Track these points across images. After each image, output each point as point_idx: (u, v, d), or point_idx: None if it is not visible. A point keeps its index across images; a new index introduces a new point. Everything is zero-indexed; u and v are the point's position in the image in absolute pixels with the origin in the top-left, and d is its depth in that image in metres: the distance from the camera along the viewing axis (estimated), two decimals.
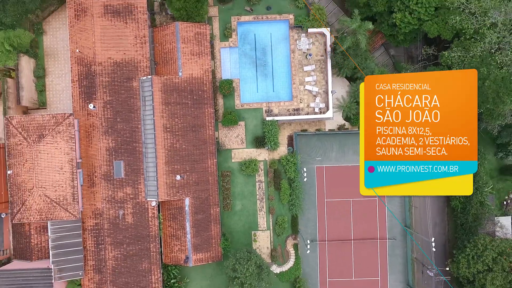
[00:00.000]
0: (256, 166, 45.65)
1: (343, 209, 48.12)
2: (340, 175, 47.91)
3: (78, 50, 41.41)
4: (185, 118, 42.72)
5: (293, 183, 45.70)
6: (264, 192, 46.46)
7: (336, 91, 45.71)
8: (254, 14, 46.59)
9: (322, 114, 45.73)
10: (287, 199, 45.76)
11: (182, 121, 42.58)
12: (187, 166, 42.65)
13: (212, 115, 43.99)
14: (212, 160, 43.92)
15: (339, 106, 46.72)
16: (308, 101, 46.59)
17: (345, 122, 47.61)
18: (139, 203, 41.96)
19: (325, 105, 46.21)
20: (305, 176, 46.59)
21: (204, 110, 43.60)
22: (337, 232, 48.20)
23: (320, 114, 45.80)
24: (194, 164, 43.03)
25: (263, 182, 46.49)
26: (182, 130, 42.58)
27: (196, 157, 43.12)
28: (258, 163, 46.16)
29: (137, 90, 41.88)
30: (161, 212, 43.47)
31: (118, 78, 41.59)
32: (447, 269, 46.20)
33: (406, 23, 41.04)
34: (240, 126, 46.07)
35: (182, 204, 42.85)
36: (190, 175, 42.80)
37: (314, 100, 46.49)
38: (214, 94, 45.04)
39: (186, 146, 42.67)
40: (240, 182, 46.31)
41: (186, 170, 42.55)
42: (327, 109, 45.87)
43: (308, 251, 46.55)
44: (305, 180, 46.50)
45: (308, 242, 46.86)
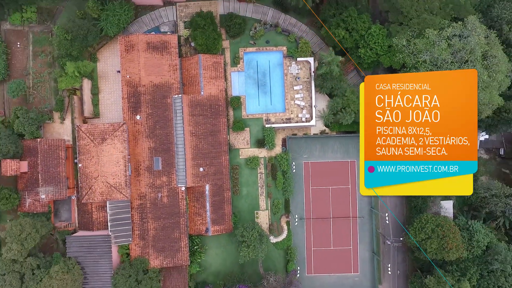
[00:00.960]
0: (258, 161, 60.52)
1: (324, 194, 63.03)
2: (321, 169, 62.86)
3: (128, 76, 56.27)
4: (205, 125, 57.63)
5: (285, 174, 60.52)
6: (264, 181, 61.29)
7: (317, 105, 60.72)
8: (256, 46, 61.49)
9: (308, 122, 60.71)
10: (281, 186, 60.58)
11: (203, 128, 57.47)
12: (207, 161, 57.56)
13: (225, 123, 58.89)
14: (225, 156, 58.79)
15: (321, 116, 61.58)
16: (297, 112, 61.54)
17: (325, 128, 62.43)
18: (172, 188, 56.81)
19: (310, 115, 61.13)
20: (294, 168, 61.55)
21: (219, 119, 58.52)
22: (319, 211, 63.02)
23: (306, 122, 60.78)
24: (212, 159, 57.91)
25: (263, 173, 61.31)
26: (203, 134, 57.47)
27: (213, 154, 58.00)
28: (259, 159, 61.01)
29: (170, 105, 56.72)
30: (188, 195, 58.32)
31: (157, 96, 56.46)
32: (401, 239, 61.23)
33: (368, 56, 56.05)
34: (246, 131, 60.94)
35: (203, 189, 57.71)
36: (209, 168, 57.69)
37: (302, 111, 61.45)
38: (226, 107, 59.96)
39: (206, 146, 57.56)
40: (245, 174, 61.18)
41: (206, 164, 57.45)
42: (311, 118, 60.79)
43: (296, 223, 61.65)
44: (294, 171, 61.49)
45: (296, 219, 61.77)
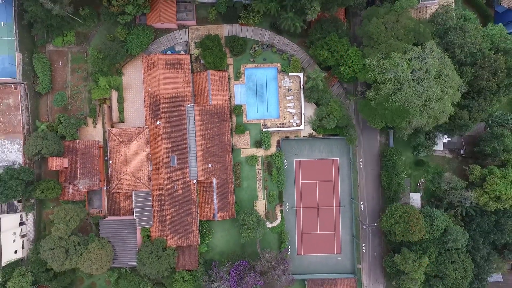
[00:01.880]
0: (256, 159, 72.50)
1: (312, 187, 75.04)
2: (309, 166, 74.84)
3: (150, 88, 68.20)
4: (213, 129, 69.56)
5: (279, 170, 72.51)
6: (261, 175, 73.24)
7: (306, 113, 72.78)
8: (255, 63, 73.47)
9: (298, 126, 72.73)
10: (276, 180, 72.55)
11: (211, 131, 69.41)
12: (214, 159, 69.51)
13: (229, 127, 70.84)
14: (229, 155, 70.72)
15: (309, 122, 73.56)
16: (289, 118, 73.54)
17: (313, 131, 74.43)
18: (186, 181, 68.73)
19: (300, 121, 73.15)
20: (286, 165, 73.52)
21: (224, 124, 70.47)
22: (308, 201, 75.02)
23: (296, 126, 72.80)
24: (218, 158, 69.86)
25: (261, 169, 73.27)
26: (211, 136, 69.41)
27: (219, 153, 69.95)
28: (258, 158, 72.96)
29: (184, 112, 68.64)
30: (198, 187, 70.20)
31: (173, 105, 68.37)
32: (375, 224, 73.28)
33: (347, 73, 68.02)
34: (246, 134, 72.88)
35: (211, 182, 69.61)
36: (216, 164, 69.62)
37: (293, 117, 73.45)
38: (230, 114, 71.89)
39: (213, 147, 69.49)
40: (246, 169, 73.14)
41: (213, 161, 69.40)
42: (301, 123, 72.81)
43: (288, 211, 73.73)
44: (286, 167, 73.49)
45: (288, 207, 73.78)
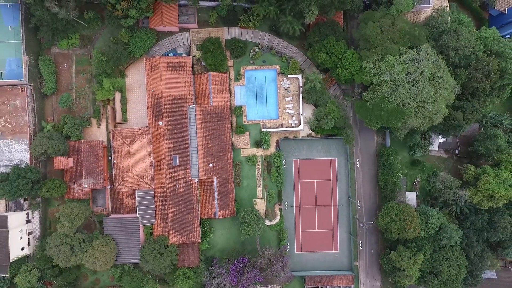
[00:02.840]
0: (256, 159, 74.33)
1: (310, 186, 76.89)
2: (308, 165, 76.69)
3: (152, 90, 70.05)
4: (214, 130, 71.41)
5: (278, 170, 74.34)
6: (260, 175, 75.06)
7: (304, 114, 74.64)
8: (255, 65, 75.31)
9: (297, 127, 74.54)
10: (275, 179, 74.39)
11: (212, 131, 71.25)
12: (215, 158, 71.35)
13: (229, 128, 72.69)
14: (229, 155, 72.56)
15: (307, 122, 75.41)
16: (288, 119, 75.40)
17: (311, 132, 76.30)
18: (187, 180, 70.57)
19: (298, 121, 74.99)
20: (285, 165, 75.39)
21: (225, 125, 72.30)
22: (306, 200, 76.86)
23: (295, 127, 74.62)
24: (219, 157, 71.69)
25: (260, 169, 75.09)
26: (212, 137, 71.25)
27: (220, 153, 71.79)
28: (257, 157, 74.78)
29: (186, 113, 70.48)
30: (199, 185, 72.02)
31: (175, 106, 70.20)
32: (372, 222, 75.14)
33: (344, 75, 69.89)
34: (246, 134, 74.71)
35: (212, 181, 71.44)
36: (217, 164, 71.46)
37: (292, 118, 75.30)
38: (230, 115, 73.72)
39: (214, 147, 71.33)
40: (246, 169, 74.95)
41: (214, 161, 71.24)
42: (300, 124, 74.64)
43: (287, 209, 75.55)
44: (285, 167, 75.37)
45: (287, 206, 75.61)
